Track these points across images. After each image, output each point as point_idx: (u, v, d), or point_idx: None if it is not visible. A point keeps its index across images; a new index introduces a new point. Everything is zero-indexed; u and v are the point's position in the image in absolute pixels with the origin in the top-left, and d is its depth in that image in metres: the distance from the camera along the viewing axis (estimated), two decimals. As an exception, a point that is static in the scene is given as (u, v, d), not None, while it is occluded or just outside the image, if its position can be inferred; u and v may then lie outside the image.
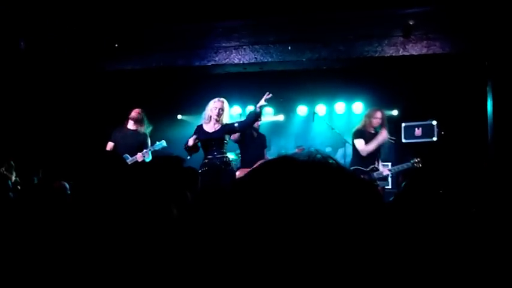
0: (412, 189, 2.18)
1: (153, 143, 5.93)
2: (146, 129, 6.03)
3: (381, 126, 5.58)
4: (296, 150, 6.72)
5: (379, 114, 5.61)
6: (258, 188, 0.63)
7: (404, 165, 5.56)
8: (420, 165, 5.53)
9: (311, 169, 0.63)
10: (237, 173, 5.80)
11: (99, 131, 6.22)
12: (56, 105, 6.86)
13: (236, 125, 5.41)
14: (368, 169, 5.45)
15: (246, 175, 0.68)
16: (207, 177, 5.15)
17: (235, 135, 5.80)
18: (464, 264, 1.79)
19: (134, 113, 5.96)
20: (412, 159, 5.65)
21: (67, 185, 3.35)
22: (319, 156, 0.66)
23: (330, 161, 0.66)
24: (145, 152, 5.84)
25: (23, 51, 6.50)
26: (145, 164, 4.74)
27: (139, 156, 5.80)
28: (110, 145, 6.01)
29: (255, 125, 6.19)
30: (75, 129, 6.80)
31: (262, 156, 6.30)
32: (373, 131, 5.59)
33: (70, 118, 6.87)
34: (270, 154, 9.09)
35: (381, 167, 5.59)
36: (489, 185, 5.44)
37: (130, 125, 6.01)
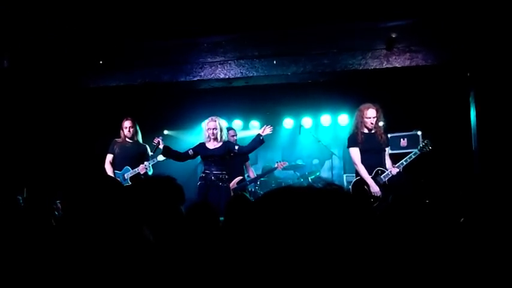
0: (399, 203, 2.19)
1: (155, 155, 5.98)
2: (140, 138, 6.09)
3: (376, 125, 5.24)
4: (276, 164, 6.71)
5: (371, 113, 5.23)
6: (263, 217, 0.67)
7: (412, 155, 5.21)
8: (430, 147, 5.21)
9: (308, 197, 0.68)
10: None
11: (84, 148, 6.16)
12: (41, 122, 6.79)
13: (236, 147, 5.75)
14: (372, 174, 5.20)
15: (254, 203, 0.72)
16: (201, 191, 5.58)
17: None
18: (454, 272, 1.80)
19: (126, 130, 5.97)
20: (420, 144, 5.36)
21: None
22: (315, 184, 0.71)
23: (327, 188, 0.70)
24: (148, 164, 5.89)
25: (7, 69, 6.44)
26: (134, 185, 4.71)
27: (141, 168, 5.86)
28: (109, 157, 6.03)
29: (232, 139, 6.34)
30: (60, 146, 6.73)
31: (241, 171, 6.46)
32: (367, 131, 5.28)
33: (55, 136, 6.80)
34: (256, 168, 9.12)
35: (388, 167, 5.27)
36: (475, 193, 5.49)
37: (128, 137, 6.02)
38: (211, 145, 5.68)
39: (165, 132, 8.97)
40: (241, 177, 6.28)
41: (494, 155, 5.59)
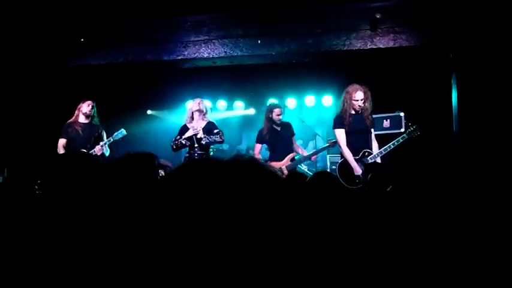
0: (377, 181, 2.22)
1: (112, 133, 5.75)
2: (98, 120, 5.84)
3: (363, 107, 5.19)
4: (328, 143, 6.46)
5: (359, 95, 5.20)
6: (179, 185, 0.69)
7: (400, 139, 5.21)
8: (418, 132, 5.24)
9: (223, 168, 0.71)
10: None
11: (63, 127, 6.04)
12: (20, 102, 6.67)
13: (215, 131, 5.62)
14: (359, 156, 5.21)
15: (171, 173, 0.75)
16: None
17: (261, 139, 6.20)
18: (431, 253, 1.83)
19: (87, 107, 5.73)
20: (408, 128, 5.33)
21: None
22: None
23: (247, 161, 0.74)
24: (104, 144, 5.64)
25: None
26: (117, 161, 4.65)
27: (97, 150, 5.59)
28: (61, 142, 5.72)
29: (276, 118, 6.16)
30: (40, 127, 6.63)
31: (290, 147, 6.22)
32: (354, 112, 5.25)
33: (35, 116, 6.69)
34: (241, 149, 9.13)
35: (375, 149, 5.29)
36: (455, 175, 5.59)
37: (82, 119, 5.76)
38: (194, 125, 5.68)
39: (149, 112, 8.91)
40: (294, 154, 6.10)
41: (474, 136, 5.67)
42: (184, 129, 5.74)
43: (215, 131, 5.62)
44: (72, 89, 6.75)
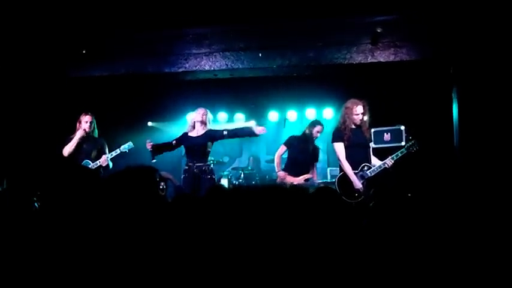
0: (381, 196, 2.21)
1: (116, 145, 5.86)
2: (97, 133, 5.91)
3: (363, 121, 5.24)
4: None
5: (359, 109, 5.25)
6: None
7: (399, 153, 5.24)
8: (417, 147, 5.25)
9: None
10: (281, 174, 6.14)
11: (65, 139, 6.05)
12: (20, 113, 6.68)
13: (225, 132, 5.63)
14: (358, 170, 5.21)
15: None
16: (185, 184, 5.52)
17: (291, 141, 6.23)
18: (435, 264, 1.82)
19: (85, 124, 5.77)
20: (406, 143, 5.34)
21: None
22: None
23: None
24: (110, 155, 5.78)
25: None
26: (118, 174, 4.66)
27: (103, 161, 5.70)
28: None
29: (315, 135, 6.15)
30: (40, 138, 6.63)
31: (308, 166, 6.21)
32: (354, 126, 5.28)
33: (36, 127, 6.70)
34: (242, 161, 9.13)
35: (374, 161, 5.32)
36: (456, 188, 5.57)
37: (86, 132, 5.80)
38: (194, 133, 5.66)
39: (149, 123, 8.91)
40: (310, 176, 6.11)
41: (475, 150, 5.67)
42: (184, 136, 5.73)
43: (218, 132, 5.65)
44: (73, 100, 6.77)
